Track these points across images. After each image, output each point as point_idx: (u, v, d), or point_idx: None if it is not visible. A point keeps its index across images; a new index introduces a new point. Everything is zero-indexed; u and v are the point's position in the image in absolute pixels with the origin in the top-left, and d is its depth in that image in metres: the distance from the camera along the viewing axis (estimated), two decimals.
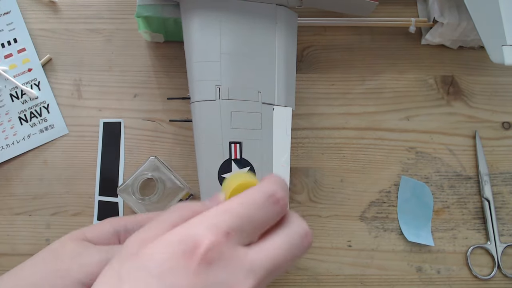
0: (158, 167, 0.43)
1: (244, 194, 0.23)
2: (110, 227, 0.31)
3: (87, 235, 0.30)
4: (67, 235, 0.30)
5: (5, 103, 0.50)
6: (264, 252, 0.22)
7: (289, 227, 0.24)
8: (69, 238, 0.30)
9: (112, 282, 0.21)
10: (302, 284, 0.46)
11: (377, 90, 0.50)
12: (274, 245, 0.23)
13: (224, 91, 0.39)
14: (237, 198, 0.23)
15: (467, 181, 0.48)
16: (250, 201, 0.23)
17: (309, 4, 0.44)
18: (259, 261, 0.22)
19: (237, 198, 0.23)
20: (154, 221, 0.24)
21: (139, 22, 0.46)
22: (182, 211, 0.24)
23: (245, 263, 0.21)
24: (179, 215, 0.24)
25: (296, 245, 0.23)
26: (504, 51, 0.41)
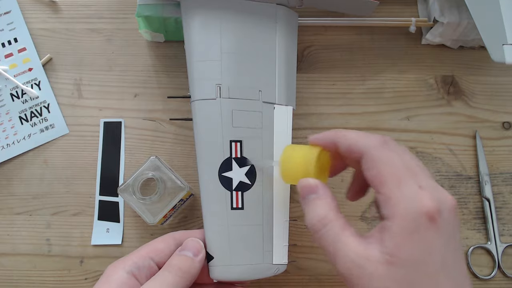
0: (158, 167, 0.43)
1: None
2: (123, 272, 0.32)
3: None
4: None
5: (5, 103, 0.50)
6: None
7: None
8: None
9: None
10: (303, 284, 0.45)
11: (378, 90, 0.50)
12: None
13: (224, 89, 0.39)
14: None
15: (468, 181, 0.48)
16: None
17: (309, 4, 0.44)
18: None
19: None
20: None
21: (140, 22, 0.46)
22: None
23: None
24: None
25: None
26: (505, 50, 0.41)
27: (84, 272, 0.46)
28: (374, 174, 0.29)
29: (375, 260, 0.27)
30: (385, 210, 0.28)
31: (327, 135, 0.34)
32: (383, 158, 0.29)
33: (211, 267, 0.36)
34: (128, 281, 0.32)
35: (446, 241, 0.26)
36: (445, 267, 0.26)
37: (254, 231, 0.38)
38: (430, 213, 0.26)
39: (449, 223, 0.27)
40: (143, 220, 0.43)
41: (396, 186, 0.27)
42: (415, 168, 0.29)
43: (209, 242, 0.37)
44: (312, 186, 0.32)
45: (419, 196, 0.27)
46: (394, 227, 0.26)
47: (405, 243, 0.26)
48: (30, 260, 0.46)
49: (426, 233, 0.26)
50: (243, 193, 0.38)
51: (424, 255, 0.26)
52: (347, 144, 0.32)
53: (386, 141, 0.31)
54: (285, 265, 0.39)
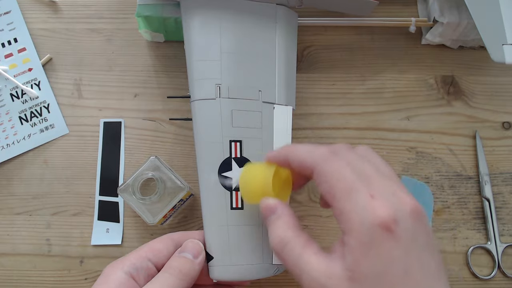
0: (158, 167, 0.43)
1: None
2: (121, 273, 0.32)
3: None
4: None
5: (5, 103, 0.50)
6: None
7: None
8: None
9: None
10: None
11: (378, 90, 0.50)
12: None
13: (224, 89, 0.39)
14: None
15: (468, 181, 0.48)
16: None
17: (309, 4, 0.44)
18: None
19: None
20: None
21: (140, 22, 0.46)
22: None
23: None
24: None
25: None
26: (504, 50, 0.41)
27: (84, 272, 0.46)
28: (325, 188, 0.28)
29: (337, 277, 0.26)
30: (341, 225, 0.27)
31: (280, 152, 0.33)
32: (331, 171, 0.28)
33: (211, 267, 0.36)
34: (126, 282, 0.32)
35: (406, 249, 0.25)
36: (409, 276, 0.25)
37: (254, 231, 0.38)
38: (384, 224, 0.25)
39: (408, 229, 0.26)
40: (143, 220, 0.43)
41: (347, 198, 0.27)
42: (369, 174, 0.28)
43: (208, 242, 0.37)
44: (272, 207, 0.32)
45: (371, 206, 0.26)
46: (352, 242, 0.26)
47: (363, 257, 0.25)
48: (30, 260, 0.46)
49: (383, 245, 0.25)
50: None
51: (384, 267, 0.25)
52: (297, 160, 0.31)
53: (335, 151, 0.30)
54: None
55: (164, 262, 0.34)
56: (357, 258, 0.26)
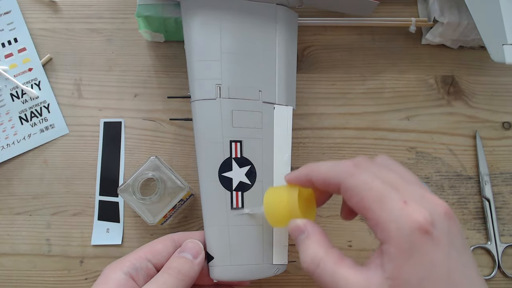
0: (158, 167, 0.43)
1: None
2: (121, 273, 0.32)
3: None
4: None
5: (5, 103, 0.50)
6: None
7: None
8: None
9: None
10: (302, 284, 0.45)
11: (378, 90, 0.50)
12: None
13: (224, 90, 0.39)
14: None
15: (468, 181, 0.48)
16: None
17: (309, 4, 0.44)
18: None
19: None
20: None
21: (140, 22, 0.46)
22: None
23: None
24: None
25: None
26: (504, 50, 0.41)
27: (84, 272, 0.46)
28: (356, 202, 0.28)
29: (378, 287, 0.26)
30: (378, 235, 0.27)
31: (301, 173, 0.33)
32: (359, 184, 0.28)
33: (211, 267, 0.36)
34: (126, 282, 0.32)
35: (447, 252, 0.25)
36: (451, 279, 0.25)
37: (254, 231, 0.38)
38: (422, 227, 0.25)
39: (445, 231, 0.26)
40: (143, 220, 0.43)
41: (380, 208, 0.27)
42: (396, 182, 0.28)
43: (209, 242, 0.37)
44: (300, 227, 0.31)
45: (406, 212, 0.26)
46: (391, 249, 0.26)
47: (404, 263, 0.25)
48: (30, 260, 0.46)
49: (424, 248, 0.25)
50: (243, 193, 0.38)
51: (426, 271, 0.25)
52: (321, 179, 0.31)
53: (357, 164, 0.30)
54: (285, 265, 0.39)
55: (164, 263, 0.34)
56: (398, 265, 0.25)
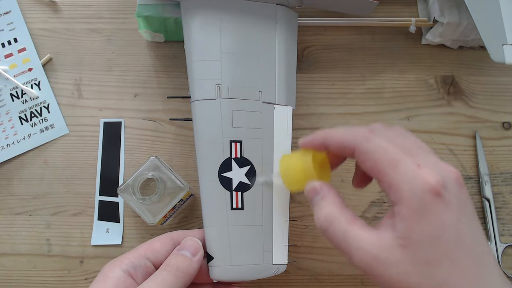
0: (158, 167, 0.43)
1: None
2: (119, 271, 0.32)
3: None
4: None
5: (5, 103, 0.50)
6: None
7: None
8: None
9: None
10: (302, 284, 0.46)
11: (378, 90, 0.50)
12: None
13: (224, 90, 0.39)
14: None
15: (468, 181, 0.48)
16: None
17: (309, 4, 0.44)
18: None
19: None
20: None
21: (140, 22, 0.46)
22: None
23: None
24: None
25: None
26: (504, 50, 0.41)
27: (84, 272, 0.46)
28: (370, 165, 0.29)
29: (389, 246, 0.26)
30: (391, 197, 0.27)
31: (315, 137, 0.34)
32: (374, 148, 0.29)
33: (211, 267, 0.36)
34: (125, 280, 0.32)
35: (457, 215, 0.26)
36: (461, 241, 0.26)
37: (254, 231, 0.38)
38: (434, 189, 0.26)
39: (456, 195, 0.26)
40: (143, 220, 0.43)
41: (394, 170, 0.27)
42: (411, 147, 0.29)
43: (209, 242, 0.37)
44: (316, 188, 0.32)
45: (419, 174, 0.26)
46: (403, 210, 0.26)
47: (415, 223, 0.26)
48: (30, 260, 0.46)
49: (435, 210, 0.26)
50: (243, 194, 0.38)
51: (437, 232, 0.26)
52: (336, 143, 0.32)
53: (373, 129, 0.31)
54: (285, 265, 0.39)
55: (163, 261, 0.34)
56: (410, 225, 0.26)
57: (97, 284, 0.32)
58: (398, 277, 0.26)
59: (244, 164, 0.38)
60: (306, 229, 0.47)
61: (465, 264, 0.25)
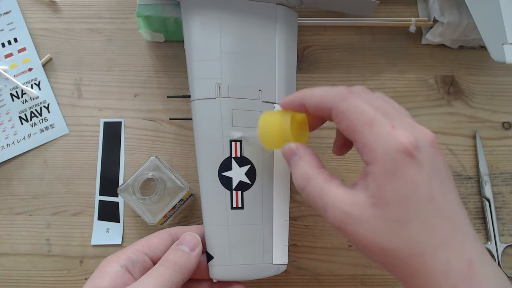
0: (158, 167, 0.43)
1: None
2: (117, 266, 0.32)
3: (100, 285, 0.32)
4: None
5: (5, 103, 0.50)
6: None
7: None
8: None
9: None
10: (302, 284, 0.45)
11: (378, 90, 0.50)
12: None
13: (224, 89, 0.39)
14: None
15: (468, 181, 0.48)
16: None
17: (309, 4, 0.44)
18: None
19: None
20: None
21: (140, 22, 0.46)
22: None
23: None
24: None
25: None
26: (505, 50, 0.41)
27: (84, 272, 0.46)
28: (346, 125, 0.29)
29: (361, 204, 0.27)
30: (365, 157, 0.28)
31: (294, 98, 0.34)
32: (350, 107, 0.29)
33: (211, 267, 0.36)
34: (122, 275, 0.32)
35: (429, 175, 0.26)
36: (433, 201, 0.26)
37: (254, 231, 0.38)
38: (407, 149, 0.26)
39: (429, 157, 0.27)
40: (143, 220, 0.43)
41: (369, 130, 0.27)
42: (388, 110, 0.29)
43: (209, 241, 0.37)
44: (293, 149, 0.33)
45: (393, 135, 0.27)
46: (375, 170, 0.27)
47: (387, 182, 0.26)
48: (30, 260, 0.46)
49: (406, 170, 0.26)
50: (243, 193, 0.38)
51: (408, 191, 0.26)
52: (314, 103, 0.32)
53: (352, 90, 0.31)
54: (285, 265, 0.39)
55: (161, 256, 0.34)
56: (381, 184, 0.27)
57: (94, 280, 0.32)
58: (369, 234, 0.27)
59: (244, 164, 0.38)
60: (306, 229, 0.47)
61: (436, 223, 0.26)
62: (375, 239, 0.27)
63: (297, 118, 0.35)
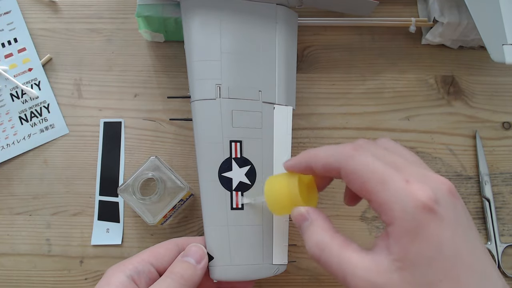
0: (158, 167, 0.43)
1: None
2: (123, 276, 0.32)
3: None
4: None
5: (5, 103, 0.50)
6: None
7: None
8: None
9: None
10: (303, 284, 0.46)
11: (378, 90, 0.50)
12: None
13: (224, 90, 0.39)
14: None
15: (468, 181, 0.48)
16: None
17: (309, 4, 0.44)
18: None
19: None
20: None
21: (140, 22, 0.46)
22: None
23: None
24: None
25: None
26: (504, 50, 0.41)
27: (84, 272, 0.46)
28: (358, 186, 0.28)
29: (385, 270, 0.25)
30: (383, 217, 0.26)
31: (299, 160, 0.33)
32: (359, 167, 0.28)
33: (211, 267, 0.36)
34: (128, 285, 0.32)
35: (453, 229, 0.25)
36: (460, 257, 0.24)
37: (254, 231, 0.38)
38: (426, 205, 0.24)
39: (450, 208, 0.25)
40: (143, 220, 0.43)
41: (382, 189, 0.26)
42: (397, 162, 0.28)
43: (209, 242, 0.37)
44: (303, 214, 0.31)
45: (410, 191, 0.25)
46: (396, 231, 0.25)
47: (411, 244, 0.25)
48: (30, 260, 0.46)
49: (429, 227, 0.24)
50: (243, 193, 0.38)
51: (433, 251, 0.24)
52: (320, 165, 0.31)
53: (356, 147, 0.29)
54: (285, 265, 0.39)
55: (167, 267, 0.34)
56: (405, 246, 0.25)
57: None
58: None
59: (244, 164, 0.38)
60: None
61: (466, 281, 0.24)
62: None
63: (304, 180, 0.34)
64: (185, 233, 0.46)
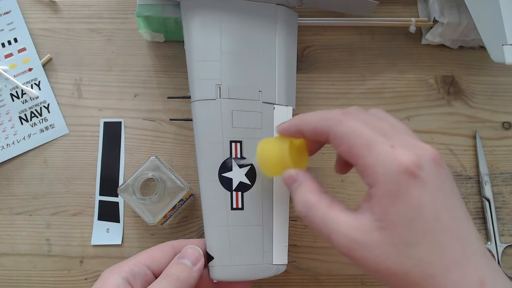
0: (158, 167, 0.43)
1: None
2: (119, 278, 0.32)
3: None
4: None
5: (5, 103, 0.50)
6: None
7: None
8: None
9: None
10: (303, 284, 0.46)
11: (378, 90, 0.50)
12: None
13: (224, 90, 0.39)
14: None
15: (468, 181, 0.48)
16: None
17: (309, 4, 0.44)
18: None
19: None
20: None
21: (140, 22, 0.46)
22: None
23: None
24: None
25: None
26: (504, 50, 0.41)
27: (84, 272, 0.46)
28: (344, 149, 0.29)
29: (367, 229, 0.27)
30: (366, 179, 0.27)
31: (291, 124, 0.34)
32: (347, 131, 0.28)
33: (211, 267, 0.36)
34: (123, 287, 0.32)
35: (434, 194, 0.26)
36: (440, 221, 0.25)
37: (254, 231, 0.38)
38: (409, 170, 0.25)
39: (433, 174, 0.26)
40: (143, 220, 0.43)
41: (368, 153, 0.27)
42: (386, 128, 0.28)
43: (209, 242, 0.37)
44: (292, 176, 0.32)
45: (393, 155, 0.26)
46: (379, 192, 0.26)
47: (392, 205, 0.26)
48: (30, 260, 0.46)
49: (410, 191, 0.25)
50: (243, 194, 0.38)
51: (413, 213, 0.25)
52: (311, 128, 0.32)
53: (347, 112, 0.30)
54: (285, 265, 0.39)
55: (162, 269, 0.34)
56: (386, 207, 0.26)
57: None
58: (377, 259, 0.26)
59: (244, 164, 0.38)
60: (306, 229, 0.47)
61: (445, 244, 0.25)
62: (384, 264, 0.26)
63: (295, 144, 0.35)
64: (185, 233, 0.46)
